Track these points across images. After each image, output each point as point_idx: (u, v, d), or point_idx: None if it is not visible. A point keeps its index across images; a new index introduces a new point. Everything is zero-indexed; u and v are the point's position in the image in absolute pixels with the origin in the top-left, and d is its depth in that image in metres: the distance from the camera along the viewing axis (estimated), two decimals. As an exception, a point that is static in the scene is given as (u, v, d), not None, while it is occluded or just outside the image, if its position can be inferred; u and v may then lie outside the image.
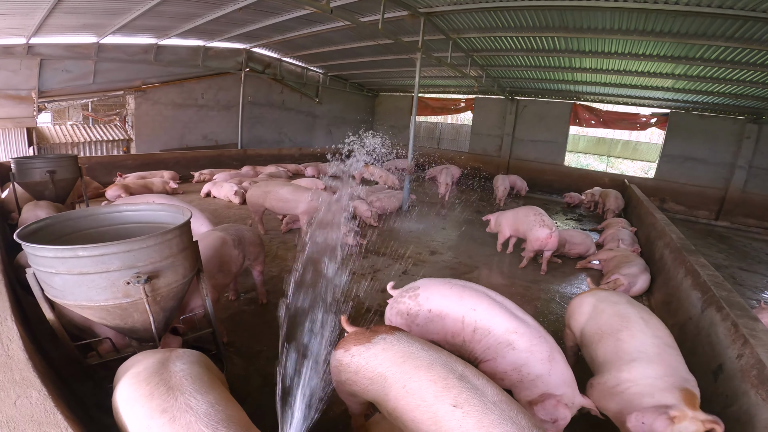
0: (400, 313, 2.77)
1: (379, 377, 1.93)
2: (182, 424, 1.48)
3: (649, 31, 7.28)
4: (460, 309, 2.64)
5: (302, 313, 3.23)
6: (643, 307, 2.88)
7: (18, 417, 1.53)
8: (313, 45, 11.59)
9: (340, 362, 2.10)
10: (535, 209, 5.96)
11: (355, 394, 2.11)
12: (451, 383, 1.75)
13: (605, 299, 2.98)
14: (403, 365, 1.88)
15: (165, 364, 1.79)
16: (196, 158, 11.43)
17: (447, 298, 2.69)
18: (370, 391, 1.98)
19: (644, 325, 2.64)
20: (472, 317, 2.59)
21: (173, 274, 2.26)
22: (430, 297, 2.73)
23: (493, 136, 15.75)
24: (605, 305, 2.90)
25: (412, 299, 2.76)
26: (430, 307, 2.69)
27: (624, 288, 5.03)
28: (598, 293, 3.11)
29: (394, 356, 1.94)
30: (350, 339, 2.14)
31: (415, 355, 1.91)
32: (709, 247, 8.98)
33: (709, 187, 12.10)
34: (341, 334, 2.45)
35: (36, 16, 7.01)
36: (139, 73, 10.56)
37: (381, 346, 2.00)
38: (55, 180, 5.29)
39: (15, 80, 8.70)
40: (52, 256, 1.93)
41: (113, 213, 2.66)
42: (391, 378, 1.88)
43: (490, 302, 2.65)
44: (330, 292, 3.47)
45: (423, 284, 2.87)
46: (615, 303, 2.89)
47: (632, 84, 11.16)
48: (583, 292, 3.26)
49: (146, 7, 7.20)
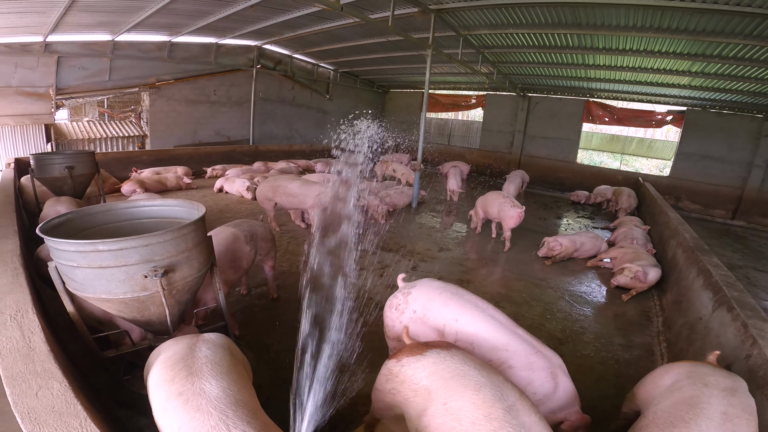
0: (390, 306, 2.75)
1: (423, 390, 1.85)
2: (194, 406, 1.59)
3: (665, 28, 7.15)
4: (441, 317, 2.51)
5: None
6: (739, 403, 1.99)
7: (39, 408, 1.55)
8: (324, 42, 11.63)
9: (390, 371, 2.05)
10: (502, 193, 6.94)
11: (395, 405, 2.06)
12: (495, 413, 1.59)
13: (695, 377, 2.14)
14: (449, 381, 1.79)
15: (192, 349, 1.90)
16: (209, 154, 11.59)
17: (432, 302, 2.58)
18: (411, 403, 1.92)
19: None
20: (453, 327, 2.45)
21: (188, 268, 2.33)
22: (418, 297, 2.65)
23: (504, 133, 15.64)
24: (688, 382, 2.12)
25: (404, 296, 2.72)
26: (416, 308, 2.62)
27: (636, 276, 5.01)
28: (695, 368, 2.25)
29: (443, 371, 1.85)
30: (404, 350, 2.10)
31: (465, 374, 1.80)
32: (724, 247, 8.84)
33: (725, 186, 11.87)
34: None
35: (53, 14, 7.16)
36: (153, 70, 10.73)
37: (432, 360, 1.93)
38: (74, 175, 5.43)
39: (33, 77, 8.90)
40: (73, 250, 2.00)
41: (130, 208, 2.74)
42: (435, 393, 1.80)
43: (476, 313, 2.45)
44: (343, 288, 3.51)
45: (420, 283, 2.79)
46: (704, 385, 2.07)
47: (647, 81, 10.98)
48: (674, 363, 2.45)
49: (160, 4, 7.31)
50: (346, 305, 2.98)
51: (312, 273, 3.29)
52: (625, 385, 3.35)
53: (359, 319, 3.46)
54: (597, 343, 3.99)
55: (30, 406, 1.56)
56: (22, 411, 1.53)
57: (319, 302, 3.27)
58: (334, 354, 2.62)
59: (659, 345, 4.10)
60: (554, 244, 6.10)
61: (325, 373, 2.49)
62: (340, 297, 3.15)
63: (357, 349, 2.97)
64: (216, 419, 1.55)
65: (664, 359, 3.83)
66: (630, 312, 4.81)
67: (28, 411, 1.54)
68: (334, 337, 2.74)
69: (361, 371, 2.94)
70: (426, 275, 5.31)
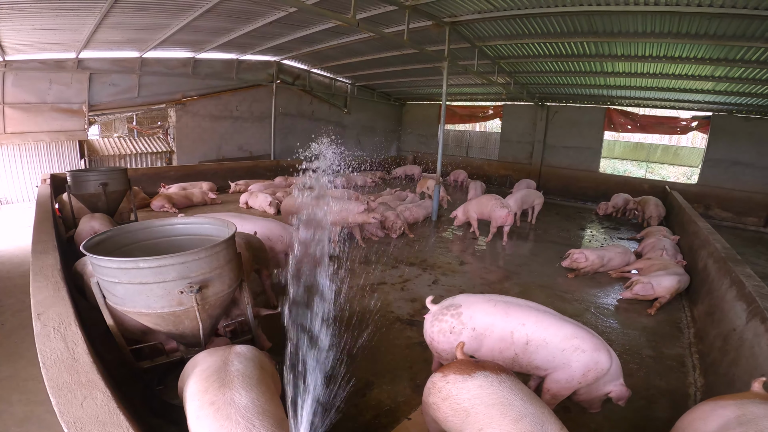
0: (443, 331, 2.76)
1: (463, 412, 1.85)
2: (224, 414, 1.69)
3: (684, 34, 7.04)
4: (507, 325, 2.65)
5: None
6: None
7: (84, 418, 1.60)
8: (341, 56, 11.88)
9: (435, 385, 2.06)
10: (494, 196, 7.67)
11: (436, 421, 2.09)
12: None
13: (747, 423, 1.77)
14: (490, 408, 1.76)
15: (225, 363, 2.00)
16: (233, 169, 11.91)
17: (492, 316, 2.69)
18: (449, 422, 1.92)
19: None
20: (522, 332, 2.62)
21: (220, 284, 2.42)
22: (473, 315, 2.72)
23: (523, 143, 15.52)
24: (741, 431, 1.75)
25: (455, 317, 2.75)
26: (474, 325, 2.69)
27: (643, 289, 4.92)
28: (744, 407, 1.87)
29: (487, 397, 1.82)
30: (453, 366, 2.09)
31: (508, 403, 1.77)
32: (758, 255, 8.50)
33: (757, 192, 11.43)
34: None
35: (84, 31, 7.53)
36: (179, 87, 11.17)
37: (478, 383, 1.90)
38: (107, 192, 5.69)
39: (68, 94, 9.36)
40: (116, 267, 2.12)
41: (165, 226, 2.87)
42: (473, 417, 1.78)
43: (539, 314, 2.69)
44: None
45: (464, 302, 2.84)
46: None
47: (670, 87, 10.75)
48: (719, 398, 2.08)
49: (184, 22, 7.64)
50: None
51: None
52: (656, 397, 3.29)
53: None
54: (626, 356, 3.90)
55: (75, 416, 1.60)
56: (68, 421, 1.58)
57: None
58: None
59: (691, 356, 3.99)
60: (579, 256, 5.99)
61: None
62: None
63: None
64: (243, 427, 1.63)
65: (696, 370, 3.73)
66: (659, 324, 4.68)
67: (74, 421, 1.58)
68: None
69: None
70: (448, 289, 5.30)
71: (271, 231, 4.70)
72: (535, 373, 2.75)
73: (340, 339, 3.61)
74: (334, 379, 3.00)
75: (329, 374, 3.03)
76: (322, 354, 2.96)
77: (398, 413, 2.91)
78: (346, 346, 3.50)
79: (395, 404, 3.02)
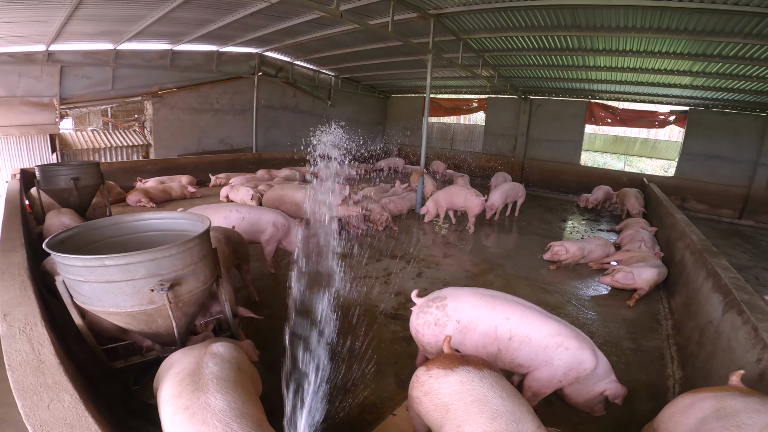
0: (428, 323, 2.74)
1: (443, 407, 1.85)
2: (200, 419, 1.63)
3: (665, 29, 7.14)
4: (491, 319, 2.63)
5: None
6: None
7: (51, 420, 1.56)
8: (324, 48, 11.70)
9: (418, 379, 2.06)
10: (464, 185, 7.94)
11: (419, 415, 2.08)
12: None
13: (725, 417, 1.81)
14: (469, 405, 1.77)
15: (199, 365, 1.91)
16: (213, 162, 11.65)
17: (477, 309, 2.67)
18: (430, 417, 1.93)
19: None
20: (506, 326, 2.60)
21: (195, 281, 2.33)
22: (458, 308, 2.70)
23: (507, 136, 15.63)
24: (719, 425, 1.79)
25: (440, 309, 2.73)
26: (459, 318, 2.68)
27: (624, 278, 5.00)
28: (722, 401, 1.91)
29: (467, 393, 1.83)
30: (437, 360, 2.09)
31: (487, 400, 1.77)
32: (733, 247, 8.75)
33: (732, 185, 11.78)
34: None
35: (54, 23, 7.22)
36: (156, 79, 10.82)
37: (460, 378, 1.90)
38: (79, 187, 5.47)
39: (38, 87, 8.99)
40: (81, 265, 2.01)
41: (136, 221, 2.75)
42: (453, 413, 1.79)
43: (524, 309, 2.66)
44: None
45: (450, 294, 2.82)
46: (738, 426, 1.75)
47: (649, 81, 10.95)
48: (699, 391, 2.10)
49: (160, 13, 7.37)
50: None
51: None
52: (637, 390, 3.32)
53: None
54: (606, 348, 3.94)
55: (42, 419, 1.57)
56: (35, 424, 1.55)
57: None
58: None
59: (669, 348, 4.06)
60: (559, 248, 6.05)
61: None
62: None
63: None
64: (221, 431, 1.57)
65: (674, 363, 3.79)
66: (638, 316, 4.76)
67: (40, 424, 1.55)
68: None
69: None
70: (432, 282, 5.30)
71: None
72: (518, 371, 2.73)
73: (324, 335, 3.57)
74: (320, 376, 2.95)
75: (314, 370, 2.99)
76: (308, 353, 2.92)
77: (383, 409, 2.88)
78: (330, 342, 3.46)
79: (380, 400, 2.99)
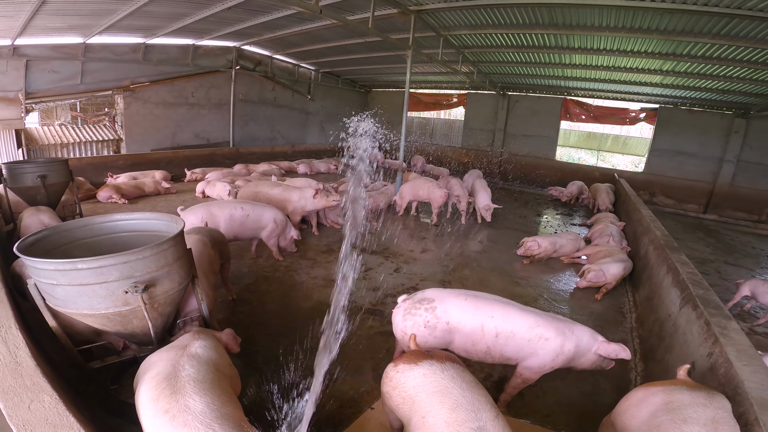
0: (417, 325, 2.82)
1: (409, 399, 1.93)
2: (180, 422, 1.65)
3: (637, 28, 7.38)
4: (477, 319, 2.76)
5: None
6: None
7: (34, 420, 1.60)
8: (304, 42, 11.57)
9: (387, 374, 2.14)
10: (428, 179, 8.32)
11: (392, 410, 2.15)
12: None
13: (673, 411, 1.92)
14: (431, 396, 1.86)
15: (176, 368, 1.92)
16: (188, 157, 11.40)
17: (464, 310, 2.80)
18: (400, 410, 2.01)
19: None
20: (491, 324, 2.74)
21: (169, 282, 2.33)
22: (447, 310, 2.81)
23: (485, 131, 15.86)
24: (667, 418, 1.90)
25: (429, 312, 2.81)
26: (449, 319, 2.79)
27: (596, 276, 5.19)
28: (671, 395, 2.02)
29: (429, 385, 1.92)
30: (404, 356, 2.17)
31: (447, 391, 1.86)
32: (696, 241, 9.15)
33: (698, 180, 12.33)
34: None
35: (20, 17, 6.93)
36: (128, 73, 10.48)
37: (422, 371, 1.99)
38: (47, 184, 5.30)
39: (3, 82, 8.60)
40: (52, 268, 1.99)
41: (108, 222, 2.71)
42: (417, 405, 1.88)
43: (504, 306, 2.82)
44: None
45: (436, 296, 2.91)
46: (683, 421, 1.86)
47: (621, 80, 11.30)
48: (651, 385, 2.21)
49: (133, 7, 7.15)
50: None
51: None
52: (602, 382, 3.48)
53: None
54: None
55: (24, 419, 1.60)
56: (18, 424, 1.57)
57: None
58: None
59: (633, 341, 4.24)
60: (532, 244, 6.23)
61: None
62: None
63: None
64: None
65: (637, 355, 3.96)
66: (606, 309, 4.97)
67: (23, 424, 1.58)
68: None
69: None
70: (410, 278, 5.39)
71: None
72: (509, 363, 2.87)
73: (301, 331, 3.62)
74: (296, 371, 3.00)
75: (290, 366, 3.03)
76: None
77: (361, 403, 2.95)
78: (306, 337, 3.51)
79: (358, 394, 3.05)
